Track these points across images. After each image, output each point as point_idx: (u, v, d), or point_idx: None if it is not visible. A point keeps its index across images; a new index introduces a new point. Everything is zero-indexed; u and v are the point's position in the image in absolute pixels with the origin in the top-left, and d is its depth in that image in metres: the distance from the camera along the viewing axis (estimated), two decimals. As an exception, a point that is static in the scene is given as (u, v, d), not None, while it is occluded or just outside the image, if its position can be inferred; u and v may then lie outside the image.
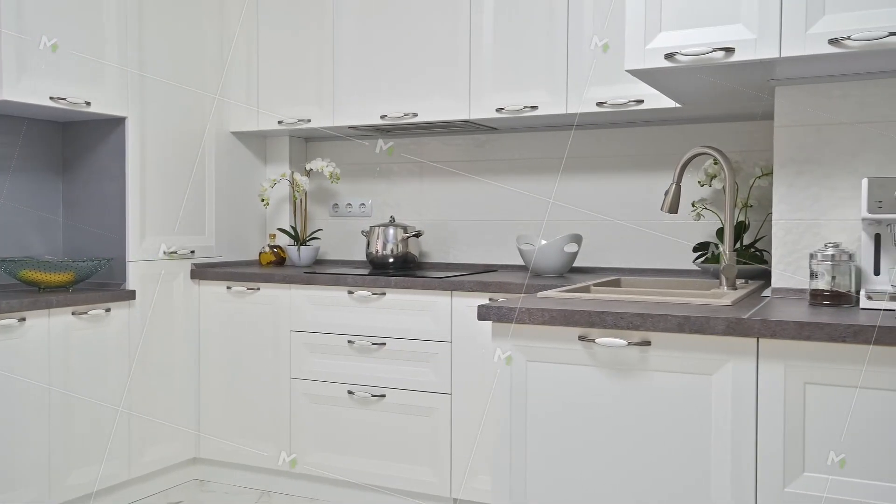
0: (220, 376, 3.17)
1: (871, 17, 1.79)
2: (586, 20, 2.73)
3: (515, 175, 3.25)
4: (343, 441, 2.93)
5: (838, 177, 2.11)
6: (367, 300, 2.87)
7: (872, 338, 1.56)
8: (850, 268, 1.92)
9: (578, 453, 1.85)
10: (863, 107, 2.08)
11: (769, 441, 1.68)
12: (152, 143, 3.04)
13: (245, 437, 3.12)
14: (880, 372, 1.58)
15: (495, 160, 3.29)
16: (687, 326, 1.71)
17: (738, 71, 2.03)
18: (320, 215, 3.65)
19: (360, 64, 3.13)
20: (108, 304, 2.84)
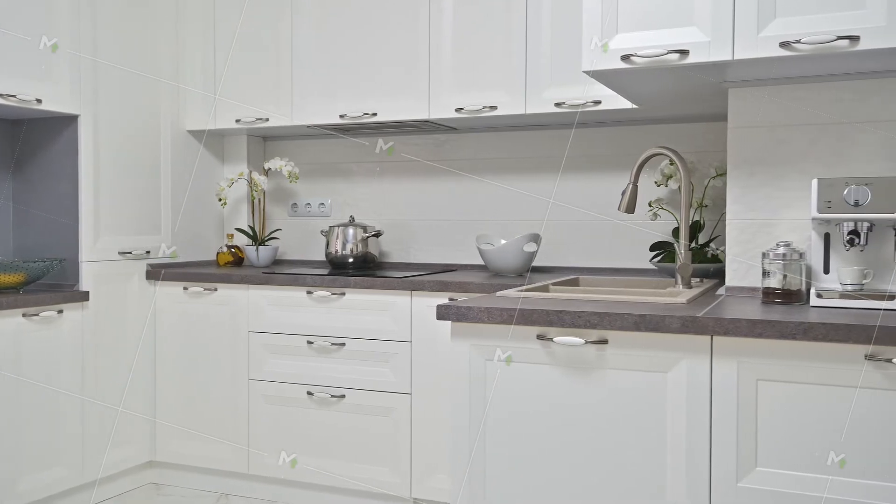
0: (176, 378, 3.12)
1: (821, 21, 1.83)
2: (544, 21, 2.75)
3: (475, 175, 3.26)
4: (302, 442, 2.90)
5: (790, 177, 2.16)
6: (326, 300, 2.85)
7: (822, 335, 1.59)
8: (800, 266, 1.96)
9: (537, 451, 1.86)
10: (813, 109, 2.13)
11: (723, 437, 1.70)
12: (106, 142, 2.98)
13: (203, 440, 3.08)
14: (829, 368, 1.62)
15: (455, 160, 3.29)
16: (643, 325, 1.74)
17: (692, 73, 2.06)
18: (279, 215, 3.62)
19: (319, 63, 3.11)
20: (60, 306, 2.78)
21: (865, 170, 2.09)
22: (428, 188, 3.34)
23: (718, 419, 1.71)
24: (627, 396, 1.78)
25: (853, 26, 1.80)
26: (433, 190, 3.33)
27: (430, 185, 3.33)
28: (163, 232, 3.24)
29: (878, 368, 1.59)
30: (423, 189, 3.34)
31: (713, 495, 1.71)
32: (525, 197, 3.17)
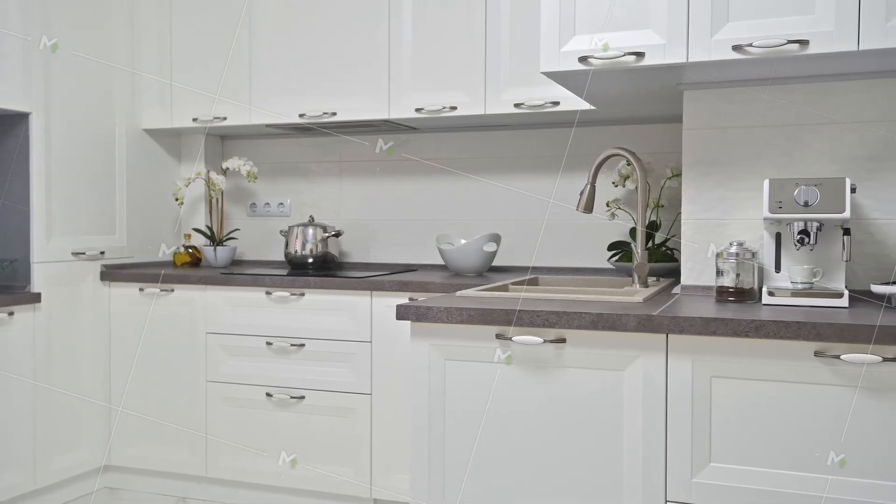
0: (132, 381, 3.07)
1: (772, 26, 1.87)
2: (504, 22, 2.77)
3: (435, 175, 3.26)
4: (261, 444, 2.88)
5: (743, 178, 2.20)
6: (285, 301, 2.83)
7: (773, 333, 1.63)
8: (753, 265, 2.00)
9: (496, 450, 1.87)
10: (766, 111, 2.18)
11: (678, 433, 1.73)
12: (59, 140, 2.92)
13: (159, 443, 3.03)
14: (780, 365, 1.66)
15: (416, 160, 3.29)
16: (600, 323, 1.76)
17: (648, 75, 2.09)
18: (237, 215, 3.58)
19: (278, 62, 3.08)
20: (11, 308, 2.72)
21: (815, 171, 2.14)
22: (388, 188, 3.33)
23: (673, 416, 1.74)
24: (585, 394, 1.80)
25: (803, 31, 1.84)
26: (393, 190, 3.32)
27: (391, 184, 3.33)
28: (118, 232, 3.18)
29: (826, 365, 1.63)
30: (384, 189, 3.34)
31: (668, 491, 1.74)
32: (485, 197, 3.19)
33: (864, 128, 2.10)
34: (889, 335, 1.55)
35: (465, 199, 3.22)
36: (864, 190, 2.10)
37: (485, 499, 1.88)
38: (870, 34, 1.79)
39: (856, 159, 2.10)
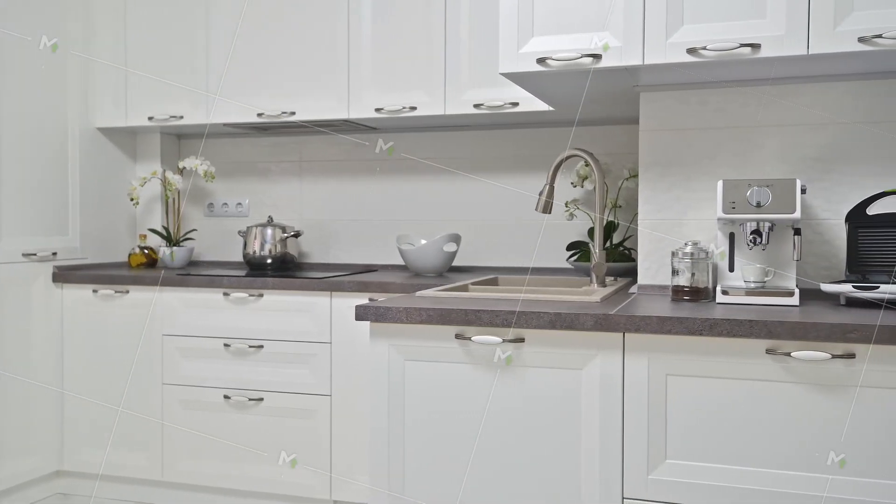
0: (85, 384, 3.01)
1: (726, 29, 1.90)
2: (463, 23, 2.77)
3: (396, 175, 3.25)
4: (220, 447, 2.84)
5: (697, 179, 2.24)
6: (243, 302, 2.80)
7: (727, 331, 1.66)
8: (707, 265, 2.04)
9: (456, 450, 1.88)
10: (719, 113, 2.22)
11: (634, 431, 1.75)
12: (8, 139, 2.85)
13: (114, 447, 2.97)
14: (733, 362, 1.69)
15: (375, 160, 3.28)
16: (558, 323, 1.77)
17: (606, 76, 2.11)
18: (195, 215, 3.53)
19: (236, 60, 3.05)
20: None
21: (767, 172, 2.18)
22: (348, 188, 3.32)
23: (630, 414, 1.76)
24: (544, 393, 1.81)
25: (755, 34, 1.88)
26: (353, 190, 3.31)
27: (351, 185, 3.31)
28: (70, 232, 3.12)
29: (777, 362, 1.66)
30: (344, 189, 3.32)
31: (625, 488, 1.76)
32: (445, 197, 3.19)
33: (814, 130, 2.15)
34: (837, 333, 1.59)
35: (426, 200, 3.22)
36: (815, 191, 2.15)
37: (444, 499, 1.89)
38: (819, 39, 1.83)
39: (806, 161, 2.15)
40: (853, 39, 1.81)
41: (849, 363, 1.62)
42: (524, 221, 3.10)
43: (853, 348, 1.61)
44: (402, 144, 3.25)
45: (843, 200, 2.13)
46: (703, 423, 1.72)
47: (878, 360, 1.60)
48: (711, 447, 1.71)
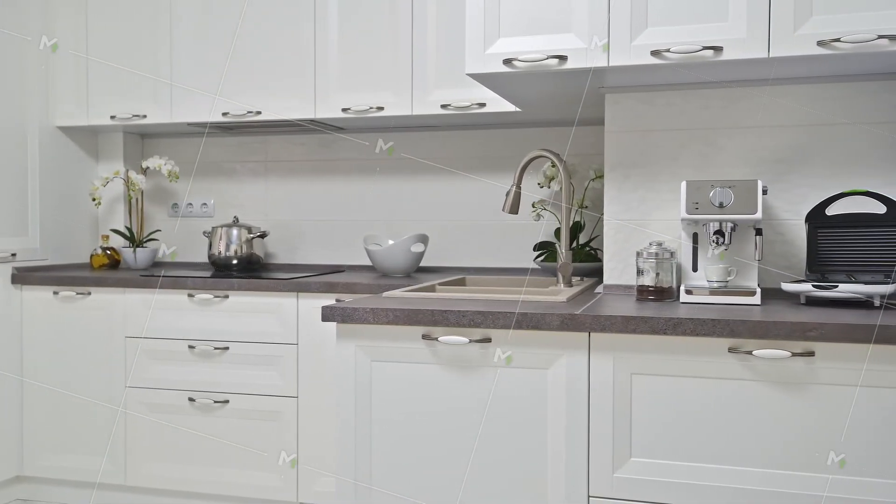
0: (46, 388, 2.95)
1: (688, 32, 1.93)
2: (430, 23, 2.77)
3: (363, 175, 3.24)
4: (184, 450, 2.81)
5: (662, 180, 2.26)
6: (208, 303, 2.77)
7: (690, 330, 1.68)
8: (671, 265, 2.06)
9: (423, 451, 1.88)
10: (683, 115, 2.24)
11: (600, 430, 1.77)
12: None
13: (76, 452, 2.92)
14: (697, 361, 1.71)
15: (343, 160, 3.27)
16: (525, 323, 1.78)
17: (571, 78, 2.13)
18: (159, 215, 3.49)
19: (201, 59, 3.02)
20: (-88, 314, 2.58)
21: (730, 173, 2.22)
22: (315, 188, 3.30)
23: (596, 413, 1.77)
24: (511, 393, 1.82)
25: (717, 37, 1.91)
26: (321, 190, 3.29)
27: (318, 185, 3.30)
28: (30, 233, 3.06)
29: (739, 360, 1.69)
30: (311, 189, 3.30)
31: (591, 486, 1.77)
32: (413, 198, 3.19)
33: (775, 132, 2.18)
34: (797, 332, 1.62)
35: (394, 200, 3.21)
36: (776, 192, 2.19)
37: (412, 499, 1.88)
38: (779, 42, 1.87)
39: (767, 162, 2.19)
40: (812, 43, 1.85)
41: (808, 361, 1.65)
42: (491, 222, 3.11)
43: (812, 346, 1.64)
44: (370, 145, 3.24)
45: (803, 201, 2.17)
46: (667, 422, 1.74)
47: (836, 357, 1.63)
48: (675, 445, 1.73)
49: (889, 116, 2.10)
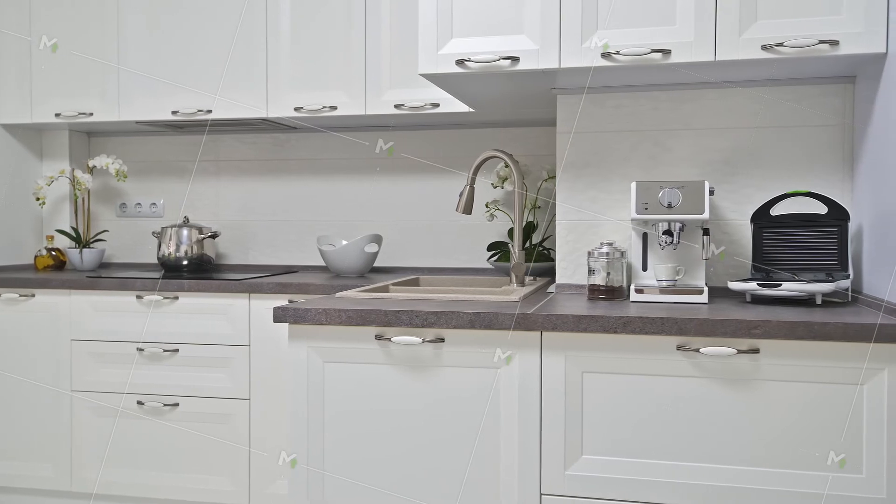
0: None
1: (639, 35, 1.96)
2: (384, 23, 2.77)
3: (316, 175, 3.22)
4: (132, 455, 2.75)
5: (612, 180, 2.29)
6: (157, 305, 2.72)
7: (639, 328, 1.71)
8: (622, 264, 2.09)
9: (377, 451, 1.87)
10: (633, 116, 2.28)
11: (552, 428, 1.79)
12: None
13: (19, 459, 2.84)
14: (646, 359, 1.74)
15: (296, 160, 3.24)
16: (478, 322, 1.79)
17: (524, 79, 2.14)
18: (106, 216, 3.41)
19: (150, 56, 2.96)
20: None
21: (678, 174, 2.26)
22: (268, 188, 3.26)
23: (548, 411, 1.79)
24: (464, 393, 1.83)
25: (666, 41, 1.94)
26: (273, 190, 3.26)
27: (270, 185, 3.26)
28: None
29: (687, 358, 1.72)
30: (263, 189, 3.27)
31: (543, 484, 1.79)
32: (367, 198, 3.18)
33: (721, 134, 2.23)
34: (742, 329, 1.66)
35: (347, 200, 3.20)
36: (722, 192, 2.23)
37: (365, 499, 1.88)
38: (725, 46, 1.91)
39: (714, 163, 2.23)
40: (757, 47, 1.89)
41: (753, 358, 1.69)
42: (445, 222, 3.11)
43: (757, 343, 1.68)
44: (323, 144, 3.22)
45: (748, 202, 2.22)
46: (617, 419, 1.76)
47: (779, 354, 1.67)
48: (625, 442, 1.76)
49: (831, 119, 2.17)
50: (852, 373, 1.65)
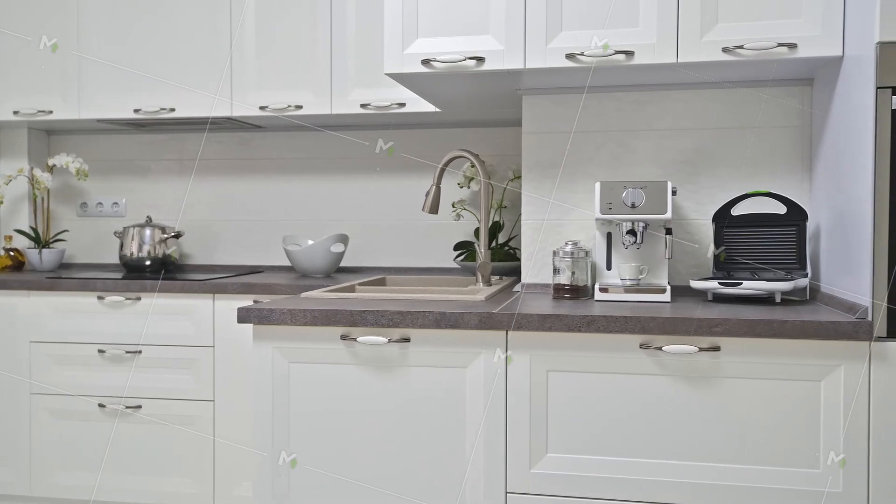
0: (-57, 397, 2.80)
1: (602, 36, 1.98)
2: (350, 22, 2.76)
3: (282, 175, 3.20)
4: (94, 458, 2.71)
5: (577, 181, 2.31)
6: (119, 306, 2.68)
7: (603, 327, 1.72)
8: (586, 263, 2.11)
9: (342, 452, 1.87)
10: (597, 117, 2.30)
11: (517, 426, 1.80)
12: None
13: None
14: (610, 357, 1.76)
15: (261, 159, 3.21)
16: (443, 322, 1.79)
17: (489, 79, 2.15)
18: (66, 215, 3.36)
19: (112, 53, 2.92)
20: None
21: (642, 174, 2.28)
22: (232, 187, 3.23)
23: (513, 410, 1.80)
24: (430, 392, 1.83)
25: (629, 42, 1.96)
26: (238, 189, 3.23)
27: (235, 184, 3.23)
28: (-75, 234, 2.90)
29: (650, 356, 1.74)
30: (228, 188, 3.24)
31: (508, 483, 1.80)
32: (333, 197, 3.16)
33: (683, 135, 2.26)
34: (704, 327, 1.68)
35: (313, 200, 3.18)
36: (685, 193, 2.26)
37: (330, 500, 1.87)
38: (687, 48, 1.93)
39: (677, 163, 2.26)
40: (718, 49, 1.92)
41: (714, 355, 1.71)
42: (412, 222, 3.11)
43: (718, 341, 1.71)
44: (288, 144, 3.19)
45: (710, 202, 2.25)
46: (581, 417, 1.78)
47: (740, 352, 1.70)
48: (590, 440, 1.78)
49: (791, 121, 2.21)
50: (810, 369, 1.68)
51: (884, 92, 1.64)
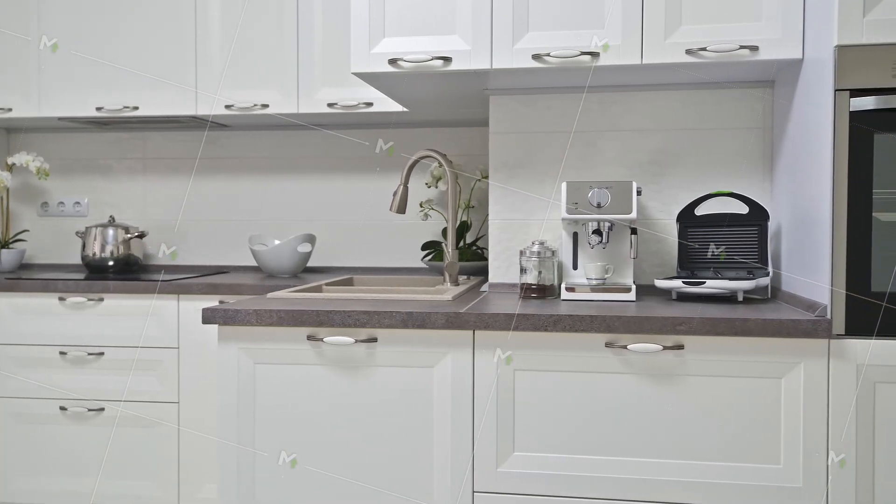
0: None
1: (568, 37, 1.99)
2: (316, 21, 2.74)
3: (249, 174, 3.17)
4: (56, 462, 2.66)
5: (544, 181, 2.33)
6: (81, 307, 2.64)
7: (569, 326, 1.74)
8: (553, 263, 2.12)
9: (308, 453, 1.86)
10: (564, 117, 2.31)
11: (484, 426, 1.80)
12: None
13: (-67, 469, 2.72)
14: (576, 356, 1.77)
15: (227, 158, 3.18)
16: (410, 322, 1.79)
17: (456, 79, 2.16)
18: (26, 215, 3.29)
19: (73, 50, 2.87)
20: None
21: (608, 174, 2.30)
22: (198, 187, 3.20)
23: (480, 409, 1.80)
24: (397, 392, 1.83)
25: (594, 43, 1.98)
26: (203, 189, 3.20)
27: (201, 183, 3.20)
28: None
29: (615, 354, 1.76)
30: (193, 188, 3.20)
31: (476, 482, 1.80)
32: (300, 197, 3.14)
33: (647, 135, 2.28)
34: (668, 326, 1.70)
35: (280, 200, 3.16)
36: (650, 193, 2.29)
37: (297, 501, 1.86)
38: (651, 49, 1.96)
39: (641, 164, 2.29)
40: (681, 51, 1.95)
41: (678, 354, 1.73)
42: (379, 222, 3.11)
43: (682, 340, 1.73)
44: (255, 143, 3.17)
45: (674, 202, 2.28)
46: (548, 416, 1.79)
47: (703, 350, 1.72)
48: (556, 438, 1.79)
49: (752, 122, 2.24)
50: (771, 366, 1.71)
51: (842, 94, 1.68)
